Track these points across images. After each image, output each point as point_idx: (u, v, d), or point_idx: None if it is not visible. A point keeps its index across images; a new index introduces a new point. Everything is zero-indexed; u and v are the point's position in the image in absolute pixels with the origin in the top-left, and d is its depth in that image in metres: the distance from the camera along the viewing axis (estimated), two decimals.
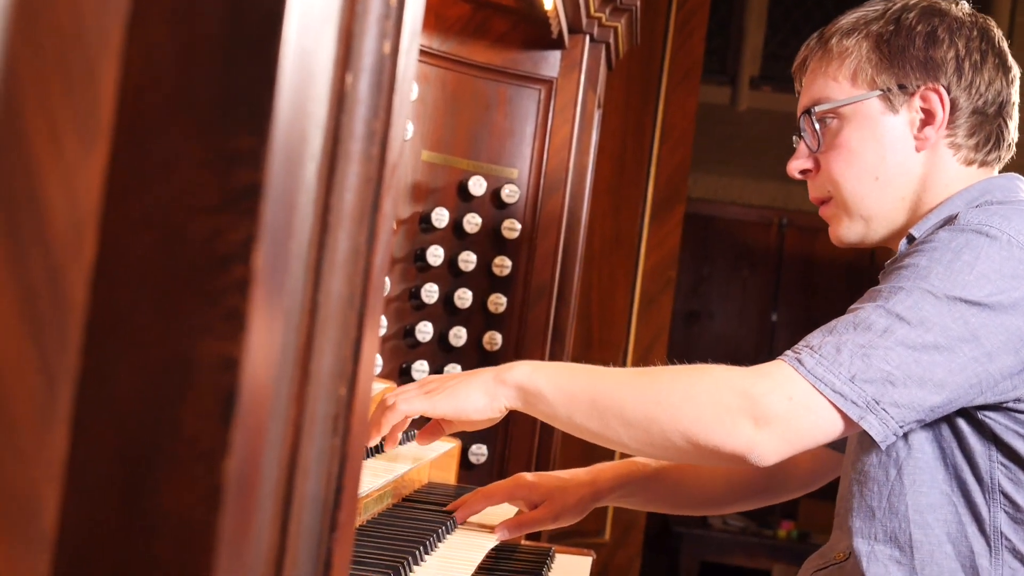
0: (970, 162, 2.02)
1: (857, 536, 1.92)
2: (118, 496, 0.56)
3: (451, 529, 2.09)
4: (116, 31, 0.54)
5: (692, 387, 1.81)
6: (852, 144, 2.01)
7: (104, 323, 0.56)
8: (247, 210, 0.55)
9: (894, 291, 1.81)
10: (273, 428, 0.67)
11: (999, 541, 1.85)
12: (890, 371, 1.76)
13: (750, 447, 1.77)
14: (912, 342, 1.76)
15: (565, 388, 1.86)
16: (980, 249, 1.80)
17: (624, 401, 1.82)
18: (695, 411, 1.78)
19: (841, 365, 1.76)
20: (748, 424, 1.76)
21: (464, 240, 2.95)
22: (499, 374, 1.92)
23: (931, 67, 1.98)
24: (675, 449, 1.83)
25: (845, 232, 2.06)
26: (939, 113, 1.98)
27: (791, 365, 1.78)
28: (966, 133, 2.00)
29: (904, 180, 2.01)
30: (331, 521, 0.79)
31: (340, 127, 0.75)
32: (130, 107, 0.56)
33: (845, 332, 1.79)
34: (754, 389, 1.77)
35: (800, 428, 1.77)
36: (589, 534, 5.01)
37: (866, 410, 1.76)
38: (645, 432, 1.82)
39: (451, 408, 1.92)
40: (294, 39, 0.59)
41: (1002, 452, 1.85)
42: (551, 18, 2.81)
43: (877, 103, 2.00)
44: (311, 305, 0.74)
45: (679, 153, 5.24)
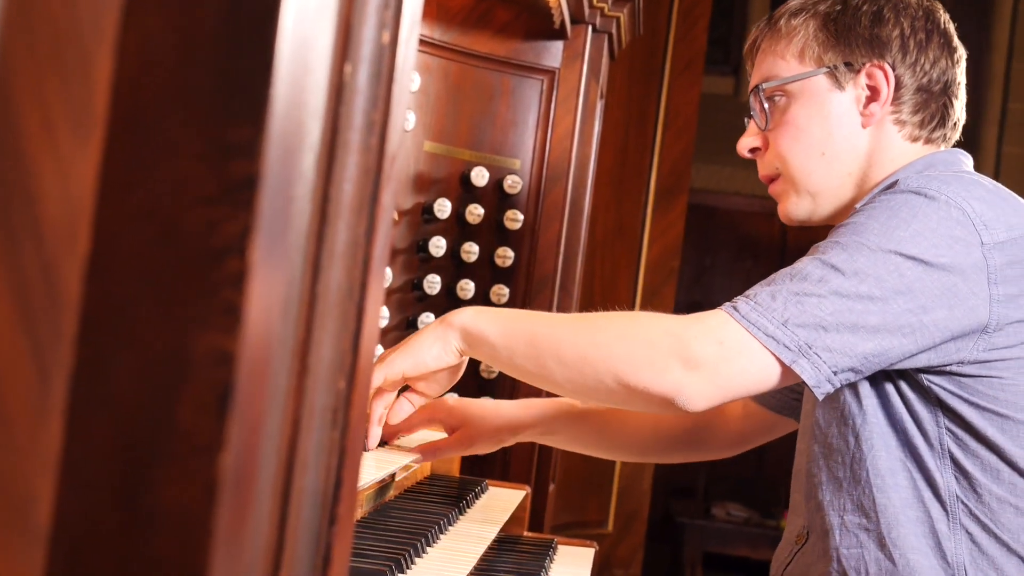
0: (915, 139, 2.05)
1: (828, 510, 1.95)
2: (114, 490, 0.56)
3: (453, 521, 2.08)
4: (111, 21, 0.53)
5: (626, 329, 1.83)
6: (799, 120, 2.04)
7: (99, 316, 0.55)
8: (244, 202, 0.55)
9: (831, 246, 1.84)
10: (271, 422, 0.66)
11: (955, 506, 1.87)
12: (823, 317, 1.78)
13: (678, 389, 1.78)
14: (846, 291, 1.79)
15: (506, 329, 1.90)
16: (917, 208, 1.83)
17: (561, 342, 1.85)
18: (627, 352, 1.80)
19: (775, 311, 1.78)
20: (677, 366, 1.78)
21: (467, 231, 2.94)
22: (445, 320, 1.96)
23: (876, 45, 2.02)
24: (607, 390, 1.84)
25: (793, 208, 2.09)
26: (884, 89, 2.02)
27: (726, 311, 1.81)
28: (911, 110, 2.04)
29: (850, 156, 2.04)
30: (330, 515, 0.79)
31: (339, 117, 0.75)
32: (126, 98, 0.55)
33: (782, 282, 1.82)
34: (686, 333, 1.79)
35: (730, 372, 1.79)
36: (592, 525, 5.00)
37: (798, 354, 1.77)
38: (579, 373, 1.84)
39: (409, 363, 1.96)
40: (291, 29, 0.58)
41: (948, 418, 1.87)
42: (553, 8, 2.80)
43: (823, 80, 2.04)
44: (310, 297, 0.74)
45: (682, 143, 5.22)
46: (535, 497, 2.96)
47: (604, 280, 4.94)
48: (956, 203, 1.84)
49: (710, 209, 8.21)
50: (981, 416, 1.86)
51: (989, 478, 1.86)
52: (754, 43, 2.15)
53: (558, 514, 4.32)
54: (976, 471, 1.86)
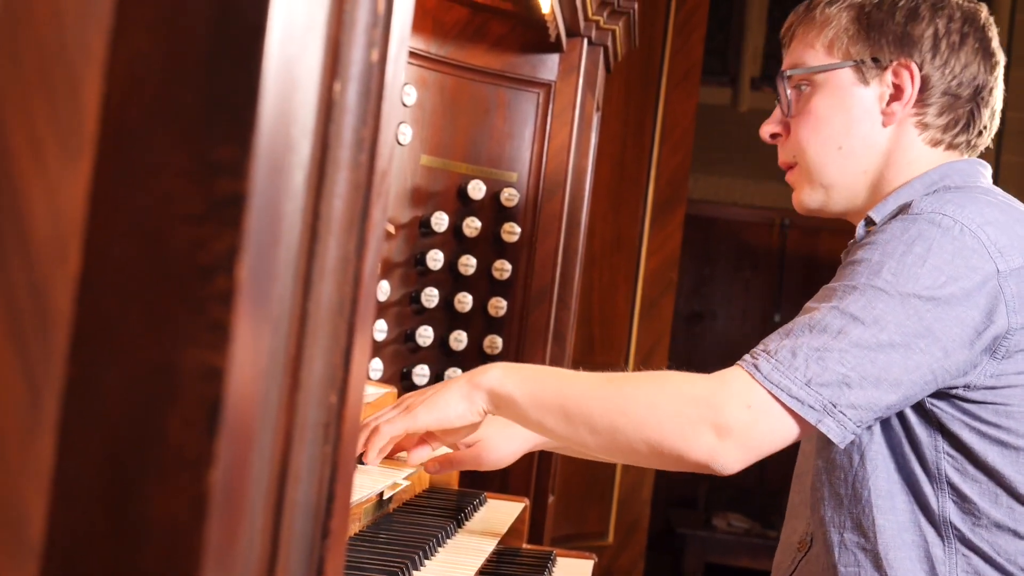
0: (936, 143, 2.03)
1: (829, 526, 1.93)
2: (104, 505, 0.57)
3: (452, 533, 2.09)
4: (99, 43, 0.54)
5: (654, 397, 1.82)
6: (820, 111, 2.03)
7: (89, 333, 0.56)
8: (230, 220, 0.56)
9: (848, 290, 1.81)
10: (262, 436, 0.67)
11: (949, 531, 1.86)
12: (845, 373, 1.76)
13: (712, 456, 1.78)
14: (867, 342, 1.77)
15: (535, 394, 1.89)
16: (932, 240, 1.81)
17: (591, 410, 1.85)
18: (657, 422, 1.80)
19: (797, 370, 1.76)
20: (710, 434, 1.77)
21: (464, 244, 2.95)
22: (472, 378, 1.96)
23: (907, 43, 2.00)
24: (640, 456, 1.85)
25: (806, 198, 2.08)
26: (908, 89, 1.99)
27: (748, 371, 1.79)
28: (936, 113, 2.01)
29: (867, 153, 2.02)
30: (323, 528, 0.80)
31: (328, 135, 0.75)
32: (114, 118, 0.56)
33: (800, 335, 1.79)
34: (713, 399, 1.78)
35: (759, 435, 1.78)
36: (592, 536, 5.00)
37: (823, 413, 1.76)
38: (611, 440, 1.84)
39: (432, 419, 1.97)
40: (278, 49, 0.59)
41: (948, 442, 1.86)
42: (549, 21, 2.81)
43: (849, 73, 2.02)
44: (301, 313, 0.74)
45: (679, 154, 5.23)
46: (534, 509, 2.96)
47: (603, 291, 4.94)
48: (971, 230, 1.81)
49: (709, 219, 8.22)
50: (982, 441, 1.84)
51: (987, 503, 1.84)
52: (790, 27, 2.12)
53: (558, 526, 4.32)
54: (974, 495, 1.84)
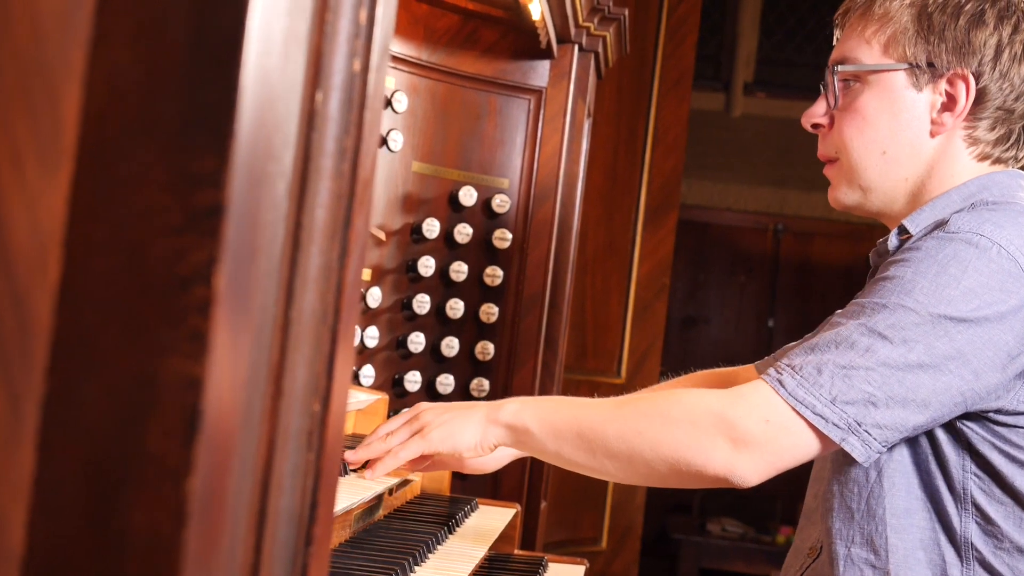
0: (985, 157, 1.97)
1: (836, 538, 1.91)
2: (85, 514, 0.57)
3: (442, 540, 2.09)
4: (78, 55, 0.55)
5: (669, 416, 1.80)
6: (868, 112, 1.97)
7: (69, 343, 0.56)
8: (209, 230, 0.56)
9: (877, 308, 1.77)
10: (244, 445, 0.67)
11: (970, 551, 1.83)
12: (872, 392, 1.73)
13: (730, 470, 1.76)
14: (895, 362, 1.73)
15: (552, 426, 1.89)
16: (968, 262, 1.76)
17: (607, 435, 1.83)
18: (674, 440, 1.78)
19: (822, 387, 1.73)
20: (726, 447, 1.75)
21: (455, 250, 2.95)
22: (490, 413, 1.95)
23: (967, 50, 1.92)
24: (660, 476, 1.84)
25: (843, 196, 2.03)
26: (961, 100, 1.93)
27: (772, 386, 1.76)
28: (988, 127, 1.95)
29: (911, 161, 1.97)
30: (306, 536, 0.80)
31: (311, 145, 0.76)
32: (93, 130, 0.57)
33: (827, 351, 1.76)
34: (730, 413, 1.76)
35: (778, 449, 1.76)
36: (586, 542, 5.01)
37: (848, 432, 1.73)
38: (629, 463, 1.83)
39: (446, 447, 1.98)
40: (256, 61, 0.59)
41: (976, 463, 1.83)
42: (539, 28, 2.82)
43: (902, 76, 1.95)
44: (283, 322, 0.75)
45: (672, 160, 5.24)
46: (527, 515, 2.97)
47: (596, 297, 4.95)
48: (1008, 252, 1.77)
49: (703, 225, 8.23)
50: (1011, 464, 1.81)
51: (1011, 526, 1.82)
52: (846, 13, 2.04)
53: (551, 532, 4.33)
54: (998, 518, 1.82)
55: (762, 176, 8.09)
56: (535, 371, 3.00)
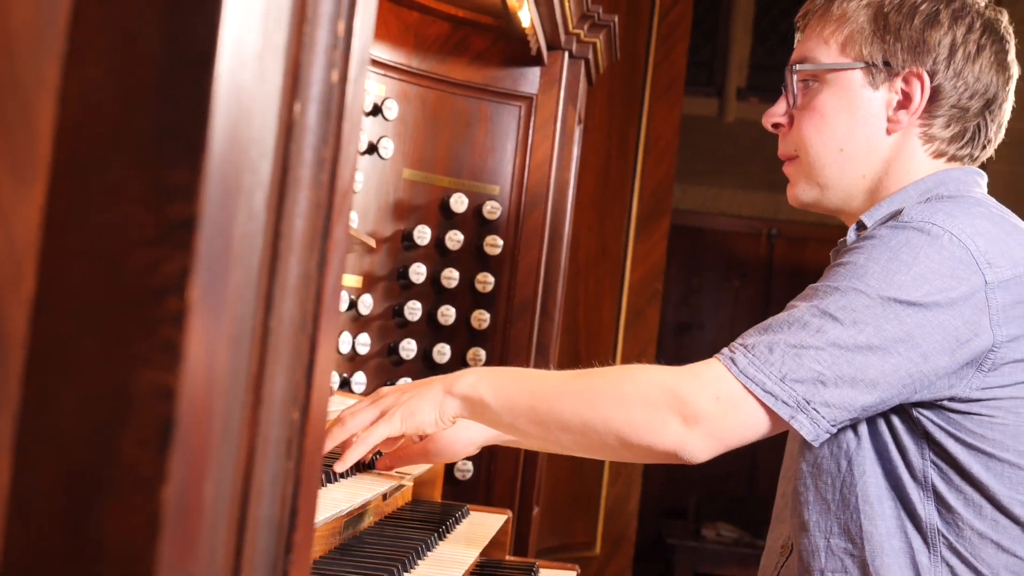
0: (940, 154, 2.00)
1: (814, 530, 1.93)
2: (61, 523, 0.58)
3: (432, 546, 2.10)
4: (52, 70, 0.55)
5: (622, 390, 1.83)
6: (826, 110, 2.01)
7: (44, 354, 0.57)
8: (182, 242, 0.57)
9: (829, 290, 1.81)
10: (221, 453, 0.68)
11: (936, 539, 1.86)
12: (821, 371, 1.76)
13: (680, 445, 1.79)
14: (844, 342, 1.77)
15: (508, 398, 1.92)
16: (920, 249, 1.80)
17: (561, 409, 1.86)
18: (626, 414, 1.81)
19: (772, 364, 1.77)
20: (677, 423, 1.79)
21: (447, 257, 2.96)
22: (447, 386, 1.98)
23: (921, 49, 1.96)
24: (612, 450, 1.87)
25: (801, 193, 2.07)
26: (916, 98, 1.97)
27: (724, 364, 1.79)
28: (943, 125, 1.99)
29: (868, 159, 2.00)
30: (287, 543, 0.81)
31: (289, 155, 0.77)
32: (68, 144, 0.57)
33: (779, 331, 1.79)
34: (681, 389, 1.79)
35: (728, 426, 1.79)
36: (579, 548, 5.01)
37: (796, 410, 1.76)
38: (583, 436, 1.86)
39: (409, 426, 2.01)
40: (229, 74, 0.60)
41: (934, 451, 1.85)
42: (529, 35, 2.83)
43: (859, 75, 1.99)
44: (262, 331, 0.75)
45: (663, 165, 5.25)
46: (519, 521, 2.97)
47: (588, 303, 4.96)
48: (960, 240, 1.80)
49: (696, 230, 8.25)
50: (967, 452, 1.84)
51: (972, 513, 1.84)
52: (806, 15, 2.08)
53: (544, 537, 4.33)
54: (959, 506, 1.84)
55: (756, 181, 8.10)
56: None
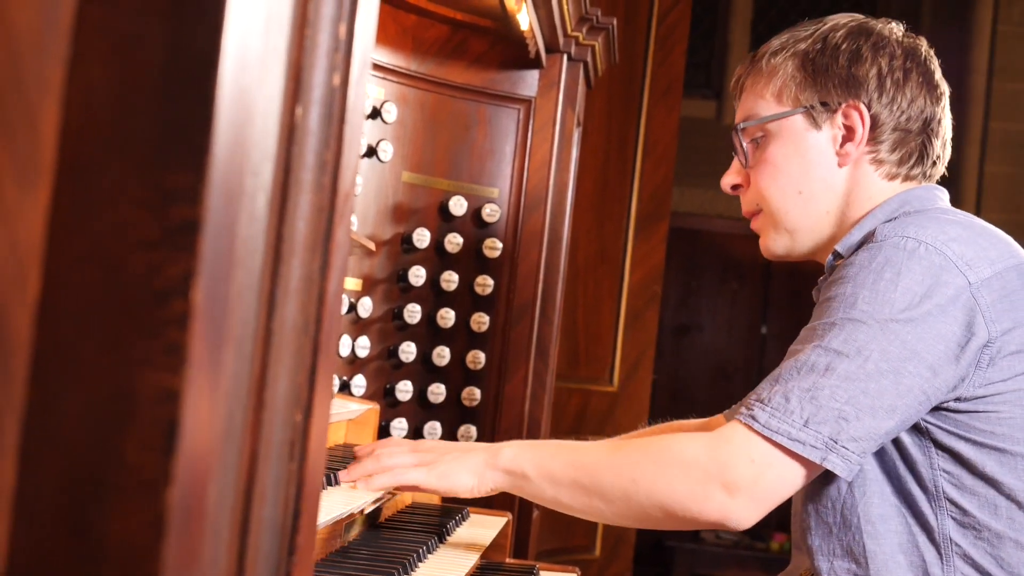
0: (892, 176, 2.06)
1: (818, 555, 1.94)
2: (65, 525, 0.58)
3: (433, 549, 2.10)
4: (56, 73, 0.55)
5: (661, 463, 1.86)
6: (777, 159, 2.07)
7: (48, 356, 0.57)
8: (185, 245, 0.57)
9: (827, 327, 1.84)
10: (225, 456, 0.68)
11: (949, 548, 1.87)
12: (840, 408, 1.78)
13: (725, 514, 1.82)
14: (855, 374, 1.79)
15: (549, 471, 1.96)
16: (900, 264, 1.83)
17: (602, 483, 1.90)
18: (668, 488, 1.85)
19: (793, 413, 1.79)
20: (720, 493, 1.81)
21: (446, 260, 2.96)
22: (489, 459, 2.02)
23: (852, 84, 2.04)
24: (655, 520, 1.91)
25: (772, 244, 2.12)
26: (859, 129, 2.03)
27: (746, 424, 1.81)
28: (889, 148, 2.04)
29: (827, 195, 2.06)
30: (289, 545, 0.81)
31: (291, 158, 0.77)
32: (71, 147, 0.57)
33: (790, 379, 1.82)
34: (717, 458, 1.82)
35: (768, 486, 1.81)
36: (579, 550, 5.01)
37: (826, 451, 1.78)
38: (626, 508, 1.90)
39: (443, 487, 2.04)
40: (232, 77, 0.60)
41: (943, 457, 1.87)
42: (528, 38, 2.83)
43: (800, 120, 2.06)
44: (265, 333, 0.76)
45: (662, 168, 5.25)
46: (519, 524, 2.97)
47: (587, 305, 4.96)
48: (936, 248, 1.84)
49: (694, 232, 8.25)
50: (978, 451, 1.85)
51: (987, 514, 1.85)
52: (738, 80, 2.18)
53: (544, 540, 4.33)
54: (973, 508, 1.86)
55: None
56: (526, 380, 3.00)
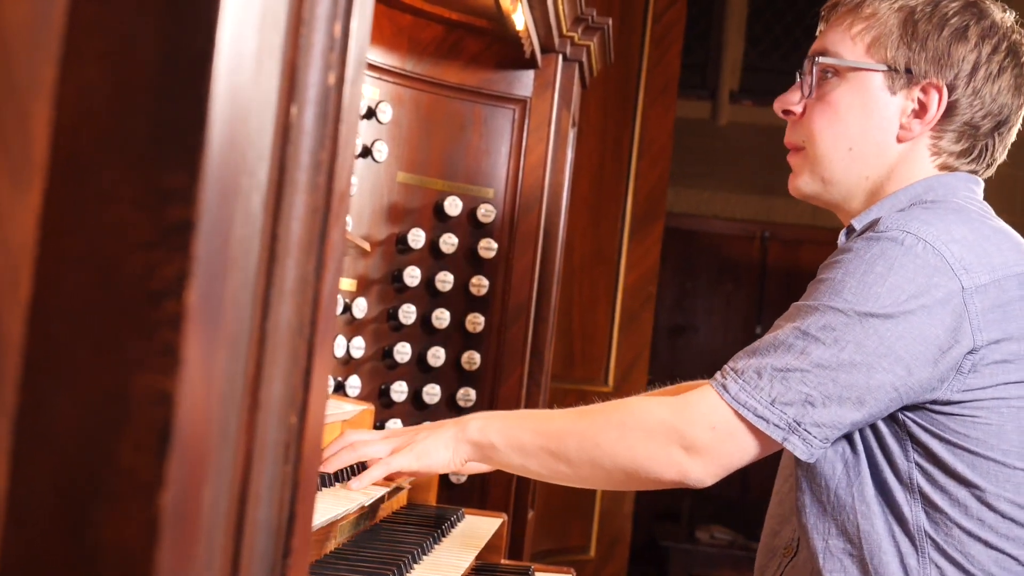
0: (945, 167, 2.01)
1: (812, 533, 1.95)
2: (58, 527, 0.57)
3: (428, 550, 2.09)
4: (49, 72, 0.55)
5: (624, 428, 1.93)
6: (841, 106, 2.01)
7: (41, 358, 0.57)
8: (179, 245, 0.56)
9: (809, 310, 1.85)
10: (220, 457, 0.68)
11: (923, 540, 1.87)
12: (808, 392, 1.80)
13: (684, 474, 1.90)
14: (827, 362, 1.80)
15: (515, 440, 2.03)
16: (894, 259, 1.81)
17: (568, 449, 1.97)
18: (630, 451, 1.91)
19: (762, 390, 1.82)
20: (679, 454, 1.88)
21: (441, 260, 2.96)
22: (458, 432, 2.09)
23: (945, 63, 1.97)
24: (619, 482, 1.99)
25: (803, 185, 2.08)
26: (932, 110, 1.97)
27: (717, 391, 1.86)
28: (953, 139, 1.99)
29: (875, 162, 2.01)
30: (284, 547, 0.80)
31: (286, 158, 0.76)
32: (64, 146, 0.57)
33: (766, 355, 1.84)
34: (679, 423, 1.88)
35: (727, 452, 1.87)
36: (574, 551, 5.01)
37: (788, 432, 1.82)
38: (591, 472, 1.97)
39: (423, 466, 2.13)
40: (227, 77, 0.60)
41: (919, 452, 1.87)
42: (523, 38, 2.83)
43: (879, 78, 1.99)
44: (259, 335, 0.75)
45: (658, 168, 5.25)
46: (514, 524, 2.97)
47: (583, 305, 4.96)
48: (934, 248, 1.81)
49: (690, 233, 8.24)
50: (951, 452, 1.85)
51: (958, 513, 1.85)
52: (835, 5, 2.08)
53: (540, 541, 4.33)
54: (945, 505, 1.86)
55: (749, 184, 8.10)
56: (521, 380, 3.00)
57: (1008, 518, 1.85)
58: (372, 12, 0.87)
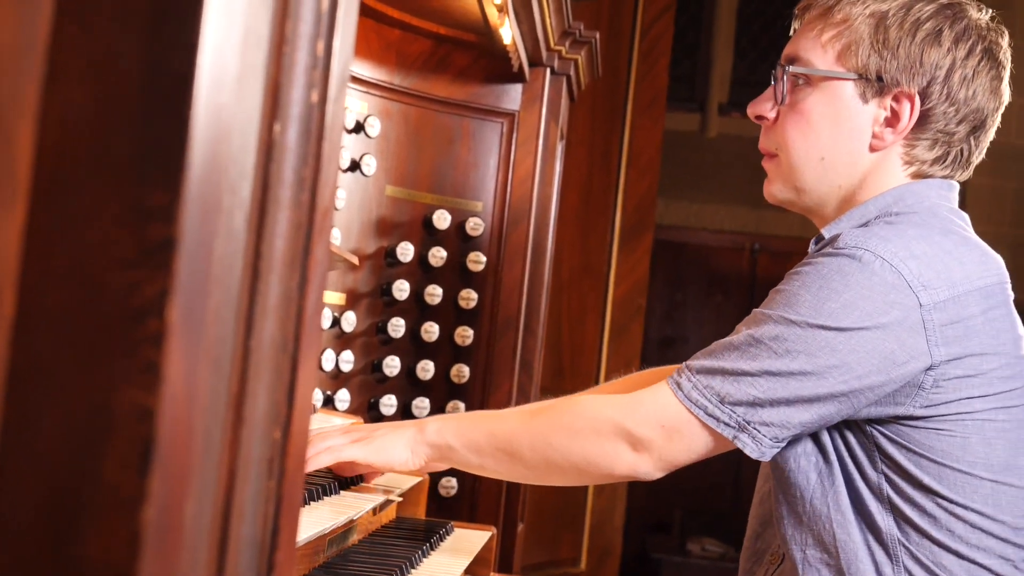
0: (919, 175, 2.00)
1: (791, 543, 1.96)
2: (41, 543, 0.58)
3: (417, 563, 2.09)
4: (32, 92, 0.56)
5: (574, 427, 1.98)
6: (813, 115, 1.99)
7: (24, 374, 0.57)
8: (162, 264, 0.57)
9: (764, 319, 1.87)
10: (203, 473, 0.68)
11: (897, 550, 1.88)
12: (756, 395, 1.84)
13: (634, 469, 1.95)
14: (777, 369, 1.83)
15: (471, 441, 2.07)
16: (850, 276, 1.82)
17: (521, 448, 2.02)
18: (581, 450, 1.97)
19: (713, 389, 1.86)
20: (628, 451, 1.94)
21: (430, 274, 2.96)
22: (417, 434, 2.13)
23: (917, 70, 1.94)
24: (571, 478, 2.05)
25: (777, 191, 2.09)
26: (904, 119, 1.96)
27: (671, 388, 1.90)
28: (927, 146, 1.98)
29: (847, 171, 2.00)
30: (268, 562, 0.81)
31: (269, 175, 0.77)
32: (48, 165, 0.57)
33: (720, 357, 1.88)
34: (628, 420, 1.93)
35: (675, 449, 1.91)
36: (565, 563, 5.00)
37: (738, 430, 1.85)
38: (545, 470, 2.03)
39: (380, 460, 2.15)
40: (208, 96, 0.60)
41: (886, 464, 1.88)
42: (511, 52, 2.84)
43: (851, 86, 1.97)
44: (243, 351, 0.76)
45: (646, 181, 5.26)
46: (503, 537, 2.97)
47: (572, 318, 4.96)
48: (892, 265, 1.81)
49: (679, 245, 8.26)
50: (917, 464, 1.86)
51: (927, 524, 1.86)
52: (808, 7, 2.05)
53: (530, 553, 4.32)
54: (914, 516, 1.86)
55: (738, 196, 8.13)
56: (511, 393, 3.00)
57: (978, 528, 1.86)
58: (355, 30, 0.88)
